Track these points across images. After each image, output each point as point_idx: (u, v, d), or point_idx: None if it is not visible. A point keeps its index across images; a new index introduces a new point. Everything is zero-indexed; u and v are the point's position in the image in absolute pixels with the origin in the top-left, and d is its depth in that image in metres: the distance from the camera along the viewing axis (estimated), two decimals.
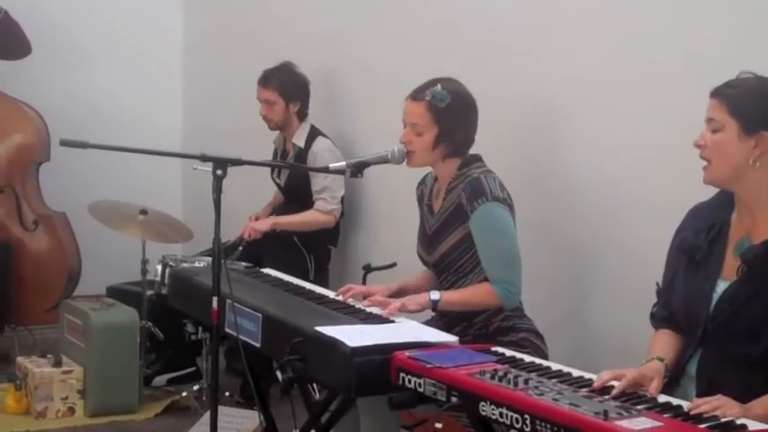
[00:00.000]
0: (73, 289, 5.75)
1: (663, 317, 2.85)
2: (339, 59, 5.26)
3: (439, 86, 3.48)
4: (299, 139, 5.09)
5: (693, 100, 2.73)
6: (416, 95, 3.52)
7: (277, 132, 5.24)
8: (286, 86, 5.06)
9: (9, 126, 5.63)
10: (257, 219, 5.23)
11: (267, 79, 5.09)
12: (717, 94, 2.65)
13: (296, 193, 5.14)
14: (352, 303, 3.45)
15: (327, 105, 5.28)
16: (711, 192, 2.79)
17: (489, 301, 3.46)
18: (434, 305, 3.44)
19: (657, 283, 2.92)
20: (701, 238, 2.74)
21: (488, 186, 3.45)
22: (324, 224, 5.02)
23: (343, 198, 5.02)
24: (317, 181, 4.96)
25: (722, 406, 2.34)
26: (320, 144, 5.05)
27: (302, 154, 5.04)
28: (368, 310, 3.37)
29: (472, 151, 3.59)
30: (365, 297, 3.49)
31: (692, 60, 3.34)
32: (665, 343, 2.78)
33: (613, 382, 2.52)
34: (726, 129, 2.61)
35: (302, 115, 5.13)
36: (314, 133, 5.10)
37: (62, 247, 5.64)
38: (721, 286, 2.67)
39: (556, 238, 3.91)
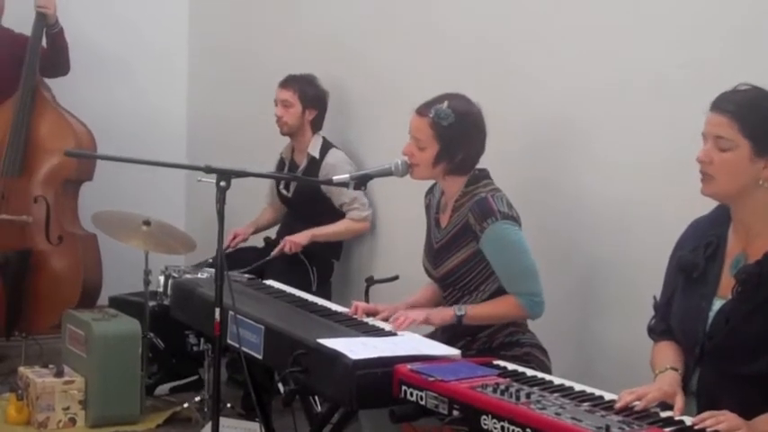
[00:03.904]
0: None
1: (662, 330, 2.85)
2: (349, 72, 5.26)
3: (445, 104, 3.48)
4: (314, 150, 5.10)
5: (699, 113, 2.71)
6: (422, 110, 3.52)
7: (287, 142, 5.25)
8: (305, 91, 5.09)
9: (55, 139, 5.65)
10: (235, 236, 5.23)
11: (288, 81, 5.13)
12: (723, 110, 2.60)
13: (303, 205, 5.14)
14: (355, 316, 3.46)
15: (338, 117, 5.28)
16: (716, 203, 2.78)
17: (515, 313, 3.46)
18: (459, 320, 3.43)
19: (654, 297, 2.92)
20: (698, 256, 2.73)
21: (496, 206, 3.45)
22: (360, 231, 5.06)
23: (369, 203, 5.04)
24: (344, 192, 4.91)
25: (727, 421, 2.34)
26: (335, 155, 5.06)
27: (316, 164, 5.05)
28: (370, 322, 3.38)
29: (480, 165, 3.59)
30: (370, 315, 3.49)
31: (696, 73, 3.34)
32: (672, 353, 2.77)
33: (635, 403, 2.51)
34: (738, 149, 2.57)
35: (316, 126, 5.14)
36: (327, 145, 5.12)
37: (79, 269, 5.63)
38: (717, 304, 2.66)
39: (562, 251, 3.91)
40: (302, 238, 4.97)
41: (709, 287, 2.69)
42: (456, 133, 3.48)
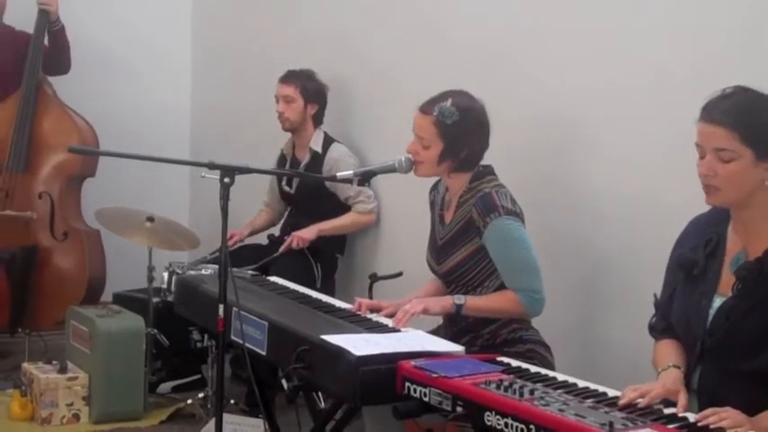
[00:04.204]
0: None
1: (663, 328, 2.85)
2: (352, 68, 5.26)
3: (449, 102, 3.47)
4: (316, 144, 5.10)
5: None
6: (425, 108, 3.51)
7: (287, 139, 5.25)
8: (306, 86, 5.10)
9: (59, 135, 5.66)
10: (231, 237, 5.21)
11: (289, 77, 5.13)
12: (719, 121, 2.56)
13: (307, 201, 5.13)
14: (358, 312, 3.46)
15: (340, 112, 5.28)
16: None
17: (514, 309, 3.45)
18: (458, 309, 3.43)
19: (655, 295, 2.92)
20: (698, 254, 2.73)
21: (499, 201, 3.45)
22: (366, 224, 5.07)
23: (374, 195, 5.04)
24: (348, 186, 4.93)
25: (730, 417, 2.34)
26: (338, 149, 5.07)
27: (319, 159, 5.05)
28: (374, 319, 3.38)
29: (485, 161, 3.58)
30: (373, 310, 3.49)
31: (698, 73, 3.34)
32: (674, 351, 2.77)
33: (639, 400, 2.51)
34: (741, 158, 2.56)
35: (318, 121, 5.15)
36: (329, 139, 5.12)
37: (84, 264, 5.64)
38: (717, 302, 2.66)
39: (566, 248, 3.91)
40: (309, 233, 4.97)
41: (709, 285, 2.69)
42: (460, 131, 3.47)
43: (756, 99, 2.62)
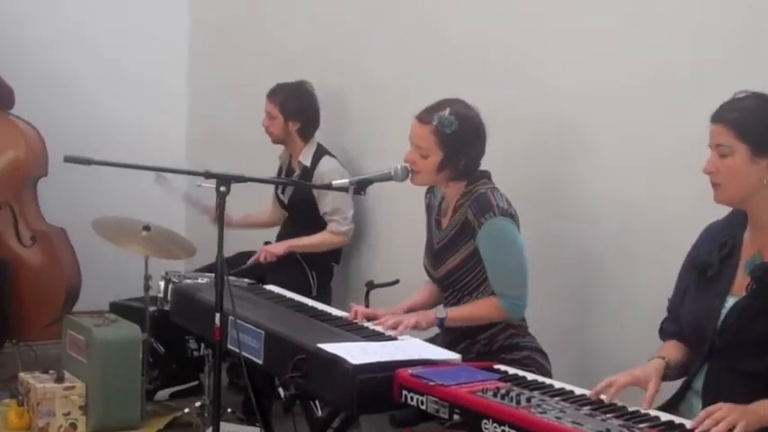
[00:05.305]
0: (72, 305, 5.73)
1: (672, 330, 2.88)
2: (347, 76, 5.26)
3: (447, 111, 3.46)
4: (306, 158, 5.07)
5: (702, 114, 2.72)
6: (423, 118, 3.50)
7: (283, 148, 5.25)
8: (286, 104, 5.04)
9: (2, 142, 5.63)
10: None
11: (273, 93, 5.11)
12: (720, 119, 2.66)
13: (299, 211, 5.14)
14: (355, 320, 3.46)
15: (335, 121, 5.28)
16: (719, 207, 2.79)
17: (494, 315, 3.46)
18: (441, 322, 3.43)
19: (668, 299, 2.93)
20: (713, 256, 2.76)
21: (495, 201, 3.45)
22: (338, 245, 5.05)
23: (353, 216, 5.03)
24: (327, 202, 4.94)
25: (724, 419, 2.35)
26: (327, 163, 5.03)
27: (308, 173, 5.03)
28: (371, 327, 3.38)
29: (483, 165, 3.58)
30: (370, 319, 3.48)
31: (698, 74, 3.34)
32: (669, 347, 2.81)
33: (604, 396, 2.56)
34: (736, 153, 2.63)
35: (306, 135, 5.10)
36: (320, 152, 5.08)
37: (59, 264, 5.63)
38: (730, 302, 2.68)
39: (564, 253, 3.91)
40: (278, 248, 4.98)
41: (722, 286, 2.72)
42: (459, 140, 3.46)
43: (757, 99, 2.68)
